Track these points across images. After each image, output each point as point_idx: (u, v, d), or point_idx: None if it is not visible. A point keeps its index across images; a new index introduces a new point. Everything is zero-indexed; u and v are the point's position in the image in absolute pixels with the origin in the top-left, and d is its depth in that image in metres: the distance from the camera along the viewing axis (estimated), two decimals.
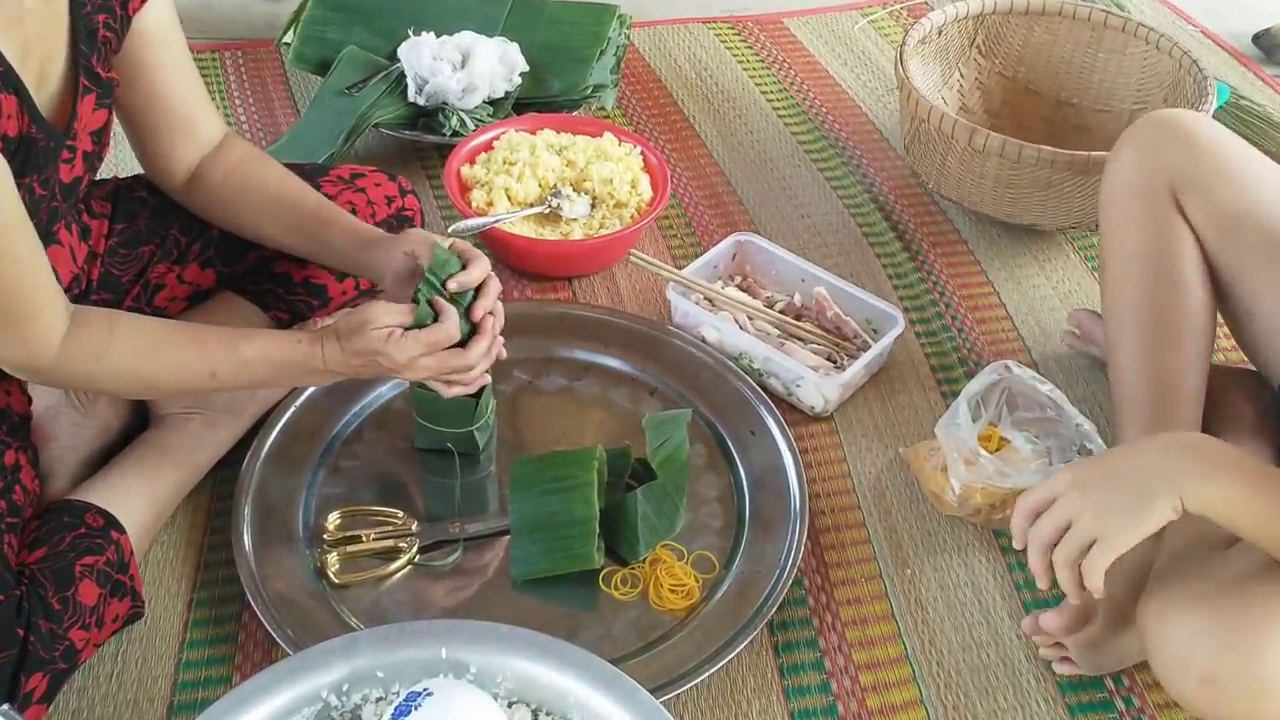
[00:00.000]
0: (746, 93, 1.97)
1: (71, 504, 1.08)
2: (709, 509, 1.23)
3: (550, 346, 1.39)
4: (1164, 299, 1.14)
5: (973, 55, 1.81)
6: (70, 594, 0.99)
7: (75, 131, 1.03)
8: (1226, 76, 2.03)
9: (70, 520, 1.05)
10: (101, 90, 1.05)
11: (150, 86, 1.12)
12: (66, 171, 1.04)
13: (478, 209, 1.53)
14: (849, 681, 1.10)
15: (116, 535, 1.06)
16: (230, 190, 1.19)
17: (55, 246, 1.10)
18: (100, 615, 1.02)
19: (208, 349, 1.05)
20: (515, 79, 1.75)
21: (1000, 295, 1.56)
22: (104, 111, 1.06)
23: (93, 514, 1.06)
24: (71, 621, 0.99)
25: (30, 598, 0.97)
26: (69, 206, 1.09)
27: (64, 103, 1.02)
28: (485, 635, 0.93)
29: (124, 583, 1.05)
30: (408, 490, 1.24)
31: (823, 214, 1.70)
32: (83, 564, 1.01)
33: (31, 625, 0.96)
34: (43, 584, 0.98)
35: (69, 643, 0.98)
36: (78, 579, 1.00)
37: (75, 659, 0.99)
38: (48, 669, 0.96)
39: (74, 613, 0.99)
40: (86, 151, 1.06)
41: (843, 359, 1.38)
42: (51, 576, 0.99)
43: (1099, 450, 1.15)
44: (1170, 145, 1.16)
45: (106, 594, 1.02)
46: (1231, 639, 0.86)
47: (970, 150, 1.52)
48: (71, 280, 1.15)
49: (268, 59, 1.97)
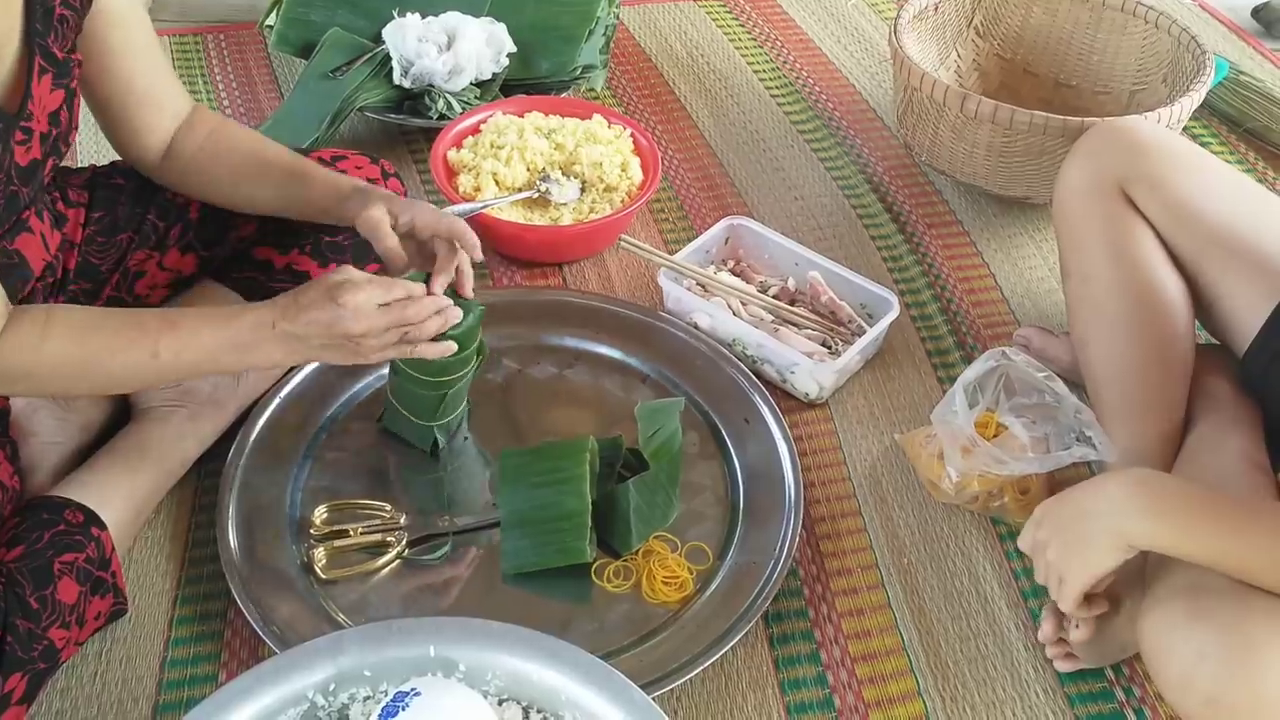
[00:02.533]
0: (739, 72, 1.94)
1: (50, 500, 1.06)
2: (703, 499, 1.21)
3: (540, 334, 1.37)
4: (1135, 286, 1.16)
5: (970, 36, 1.78)
6: (49, 593, 0.97)
7: (31, 113, 1.01)
8: (1225, 51, 2.01)
9: (49, 517, 1.03)
10: (58, 70, 1.03)
11: (115, 66, 1.11)
12: (22, 154, 1.01)
13: (465, 194, 1.50)
14: (845, 673, 1.09)
15: (97, 531, 1.04)
16: (206, 158, 1.17)
17: (25, 234, 1.08)
18: (81, 613, 1.00)
19: (147, 326, 0.99)
20: (502, 60, 1.72)
21: (996, 277, 1.54)
22: (61, 92, 1.04)
23: (72, 510, 1.04)
24: (50, 620, 0.97)
25: (7, 597, 0.95)
26: (33, 192, 1.07)
27: (17, 84, 1.00)
28: (474, 632, 0.91)
29: (105, 580, 1.03)
30: (396, 483, 1.22)
31: (816, 195, 1.67)
32: (62, 561, 0.99)
33: (9, 625, 0.94)
34: (20, 583, 0.96)
35: (48, 642, 0.96)
36: (57, 577, 0.98)
37: (55, 658, 0.98)
38: (27, 669, 0.95)
39: (53, 611, 0.97)
40: (43, 133, 1.03)
41: (837, 344, 1.37)
42: (29, 575, 0.97)
43: (1098, 437, 1.14)
44: (1116, 146, 1.21)
45: (87, 591, 1.01)
46: (1235, 658, 0.85)
47: (963, 118, 1.50)
48: (45, 269, 1.13)
49: (250, 42, 1.95)
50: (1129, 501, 0.93)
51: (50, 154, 1.05)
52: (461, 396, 1.22)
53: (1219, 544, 0.90)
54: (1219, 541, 0.90)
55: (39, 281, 1.12)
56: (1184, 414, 1.17)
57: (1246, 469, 1.09)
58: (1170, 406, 1.16)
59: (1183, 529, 0.91)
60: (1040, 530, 1.00)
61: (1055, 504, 1.00)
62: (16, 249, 1.07)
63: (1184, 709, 0.90)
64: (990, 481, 1.19)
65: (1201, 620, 0.89)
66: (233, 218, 1.25)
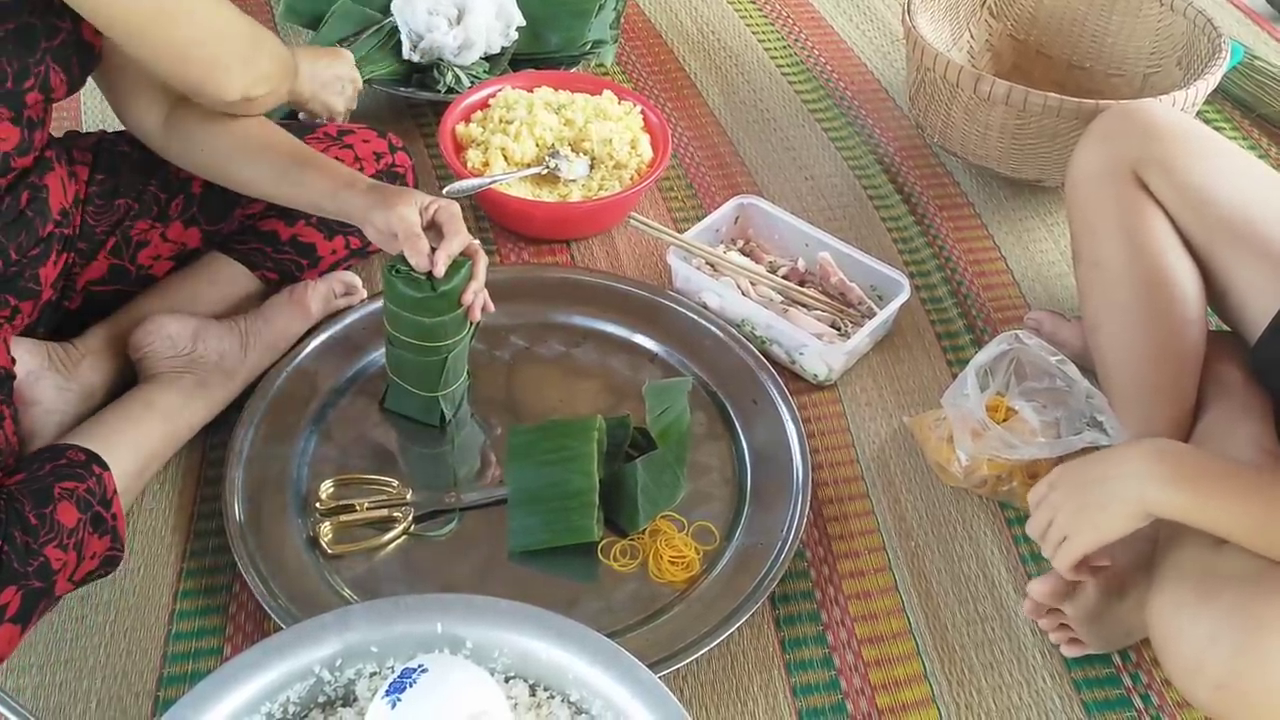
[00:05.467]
0: (750, 49, 1.92)
1: (54, 445, 1.06)
2: (710, 479, 1.20)
3: (548, 312, 1.36)
4: (1147, 271, 1.15)
5: (984, 16, 1.76)
6: (48, 511, 0.97)
7: None
8: (1240, 36, 1.99)
9: (51, 455, 1.03)
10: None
11: None
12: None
13: (473, 169, 1.49)
14: (852, 656, 1.08)
15: (99, 470, 1.03)
16: (206, 134, 1.16)
17: (51, 174, 1.11)
18: (79, 540, 0.99)
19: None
20: (512, 34, 1.70)
21: (1007, 260, 1.53)
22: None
23: (75, 451, 1.04)
24: (48, 538, 0.96)
25: (7, 511, 0.95)
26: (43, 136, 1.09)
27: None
28: (482, 610, 0.91)
29: (105, 519, 1.02)
30: (402, 458, 1.22)
31: (826, 175, 1.66)
32: (62, 487, 0.99)
33: (8, 535, 0.94)
34: (20, 500, 0.97)
35: (44, 559, 0.96)
36: (57, 499, 0.98)
37: (50, 580, 0.96)
38: (21, 584, 0.94)
39: (51, 529, 0.96)
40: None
41: (847, 326, 1.36)
42: (29, 495, 0.97)
43: (1110, 422, 1.13)
44: (1130, 130, 1.19)
45: (87, 521, 1.00)
46: (1245, 642, 0.85)
47: (976, 99, 1.48)
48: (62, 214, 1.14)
49: (258, 13, 1.91)
50: (1149, 469, 0.92)
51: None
52: (462, 362, 1.21)
53: (1236, 514, 0.89)
54: (1236, 511, 0.89)
55: (57, 227, 1.12)
56: (1195, 400, 1.16)
57: (1257, 455, 1.08)
58: (1181, 393, 1.15)
59: (1201, 498, 0.90)
60: (1054, 490, 0.99)
61: (1074, 466, 0.99)
62: (45, 184, 1.08)
63: (1193, 694, 0.89)
64: (1000, 465, 1.19)
65: (1211, 604, 0.89)
66: (238, 195, 1.24)
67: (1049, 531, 0.99)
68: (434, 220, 1.13)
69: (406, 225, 1.10)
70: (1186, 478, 0.91)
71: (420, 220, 1.11)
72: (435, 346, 1.16)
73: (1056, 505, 0.98)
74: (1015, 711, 1.05)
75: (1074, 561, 0.98)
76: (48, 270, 1.14)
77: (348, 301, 1.32)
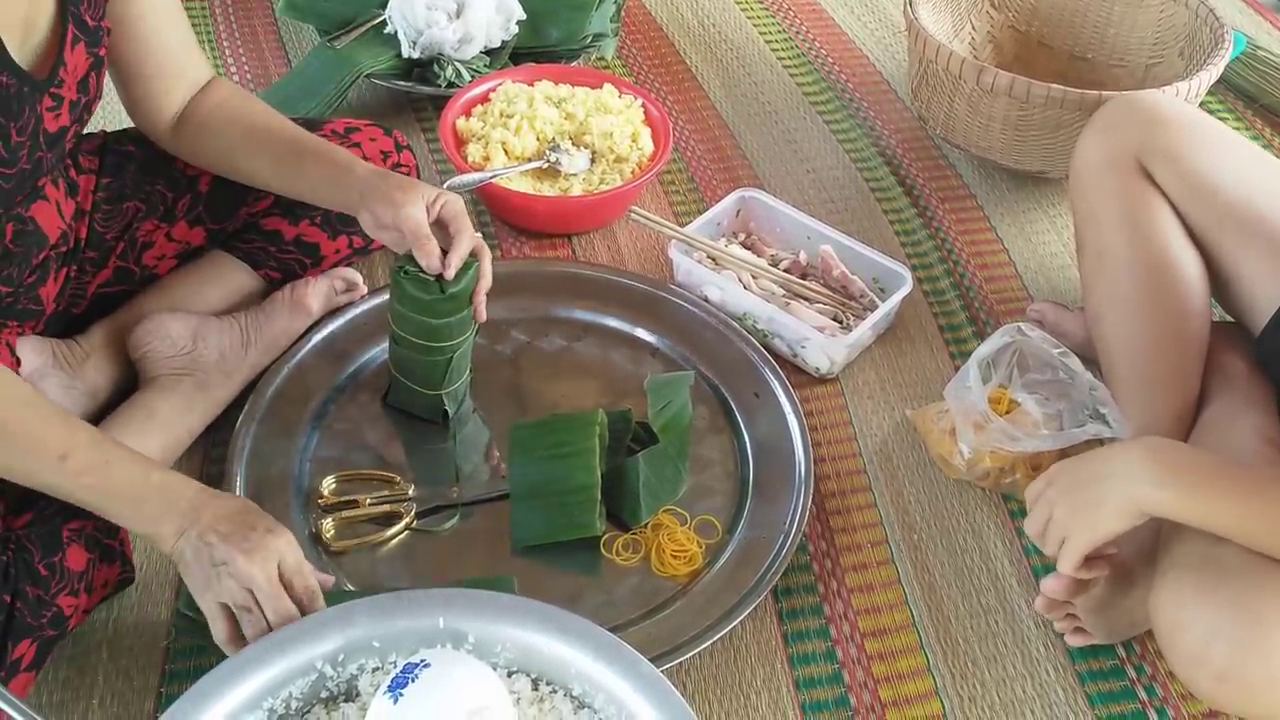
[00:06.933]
0: (751, 42, 1.92)
1: None
2: (712, 473, 1.20)
3: (549, 306, 1.36)
4: (1151, 262, 1.15)
5: (985, 8, 1.76)
6: (57, 560, 0.97)
7: (62, 79, 1.01)
8: (1242, 26, 1.98)
9: None
10: (90, 38, 1.03)
11: (141, 33, 1.11)
12: (52, 120, 1.02)
13: (474, 163, 1.49)
14: (854, 649, 1.08)
15: None
16: (214, 126, 1.16)
17: (41, 202, 1.08)
18: (89, 580, 0.99)
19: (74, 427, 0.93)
20: (512, 28, 1.70)
21: (1010, 252, 1.53)
22: (90, 59, 1.04)
23: None
24: (60, 588, 0.96)
25: (17, 564, 0.94)
26: (55, 159, 1.07)
27: (50, 51, 1.00)
28: (484, 604, 0.91)
29: (113, 547, 1.02)
30: (404, 454, 1.21)
31: (828, 168, 1.66)
32: (70, 528, 0.99)
33: (19, 591, 0.94)
34: (29, 549, 0.96)
35: (57, 609, 0.96)
36: (65, 544, 0.98)
37: (64, 625, 0.97)
38: (35, 636, 0.94)
39: (62, 578, 0.97)
40: (73, 101, 1.03)
41: (849, 319, 1.35)
42: (38, 542, 0.97)
43: (1112, 414, 1.13)
44: (1134, 120, 1.19)
45: (95, 559, 1.00)
46: (1248, 635, 0.85)
47: (979, 91, 1.48)
48: (60, 237, 1.12)
49: (258, 7, 1.93)
50: (1143, 468, 0.92)
51: (75, 121, 1.05)
52: (466, 360, 1.21)
53: (1231, 513, 0.90)
54: (1231, 510, 0.89)
55: (53, 250, 1.11)
56: (1198, 391, 1.16)
57: (1260, 446, 1.08)
58: (1185, 383, 1.15)
59: (1195, 497, 0.90)
60: (1051, 488, 0.99)
61: (1070, 464, 0.99)
62: (32, 216, 1.07)
63: (1196, 686, 0.89)
64: (1002, 458, 1.19)
65: (1214, 597, 0.89)
66: (244, 193, 1.24)
67: (1048, 530, 0.99)
68: (439, 217, 1.12)
69: (415, 226, 1.09)
70: (1180, 477, 0.91)
71: (427, 219, 1.11)
72: (441, 346, 1.16)
73: (1053, 502, 0.98)
74: (1019, 704, 1.05)
75: (1077, 562, 0.98)
76: (49, 289, 1.14)
77: (348, 298, 1.32)
